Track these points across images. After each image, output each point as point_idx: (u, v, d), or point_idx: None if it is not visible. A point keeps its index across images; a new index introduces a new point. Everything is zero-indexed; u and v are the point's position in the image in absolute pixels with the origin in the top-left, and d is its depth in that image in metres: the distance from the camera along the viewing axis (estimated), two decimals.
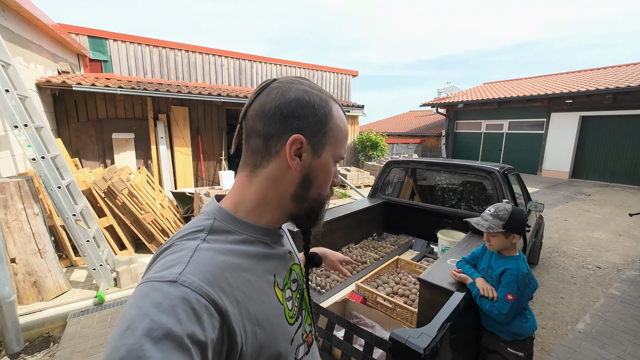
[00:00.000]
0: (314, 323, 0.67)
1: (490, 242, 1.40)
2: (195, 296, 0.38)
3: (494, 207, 1.41)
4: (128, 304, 0.38)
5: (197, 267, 0.42)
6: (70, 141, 4.98)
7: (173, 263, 0.42)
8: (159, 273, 0.41)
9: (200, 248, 0.45)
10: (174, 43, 7.52)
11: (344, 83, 10.59)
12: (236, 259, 0.47)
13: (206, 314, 0.38)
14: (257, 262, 0.51)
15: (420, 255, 2.72)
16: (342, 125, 0.55)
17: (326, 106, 0.53)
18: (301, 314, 0.59)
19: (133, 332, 0.34)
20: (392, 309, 1.77)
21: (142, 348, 0.33)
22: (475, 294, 1.40)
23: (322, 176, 0.54)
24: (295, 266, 0.62)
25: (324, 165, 0.53)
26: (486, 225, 1.37)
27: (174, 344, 0.34)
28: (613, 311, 2.74)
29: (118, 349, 0.33)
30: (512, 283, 1.30)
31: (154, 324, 0.34)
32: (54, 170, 2.75)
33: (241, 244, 0.50)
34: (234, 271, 0.45)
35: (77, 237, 2.85)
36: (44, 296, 2.79)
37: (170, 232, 4.04)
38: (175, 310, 0.36)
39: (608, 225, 5.24)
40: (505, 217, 1.35)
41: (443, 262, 1.74)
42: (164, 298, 0.37)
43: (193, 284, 0.39)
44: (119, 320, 0.37)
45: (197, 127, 6.07)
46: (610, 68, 11.46)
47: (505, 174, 2.62)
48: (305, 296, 0.64)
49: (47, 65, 4.71)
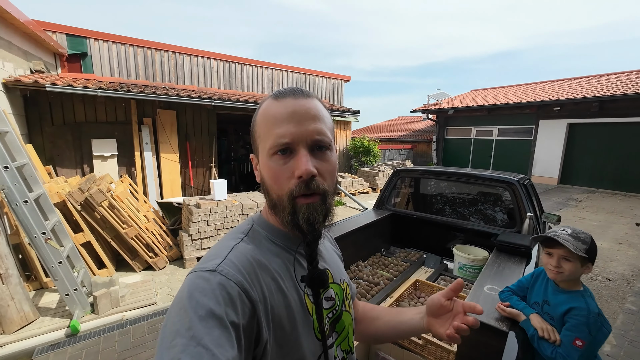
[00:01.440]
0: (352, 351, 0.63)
1: (561, 269, 1.16)
2: (229, 283, 0.44)
3: (569, 228, 1.18)
4: (180, 289, 0.44)
5: (233, 260, 0.47)
6: (44, 147, 4.53)
7: (214, 256, 0.49)
8: (203, 264, 0.47)
9: (238, 247, 0.51)
10: (160, 44, 7.15)
11: (336, 88, 10.44)
12: (268, 260, 0.51)
13: (239, 300, 0.43)
14: (288, 269, 0.53)
15: (436, 274, 2.49)
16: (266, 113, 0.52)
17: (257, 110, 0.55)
18: (332, 335, 0.58)
19: (184, 310, 0.40)
20: (422, 346, 1.53)
21: (191, 321, 0.39)
22: (532, 334, 1.18)
23: (267, 177, 0.52)
24: (334, 286, 0.61)
25: (264, 166, 0.53)
26: (572, 246, 1.12)
27: (216, 321, 0.40)
28: (636, 329, 2.60)
29: (174, 322, 0.40)
30: (582, 326, 1.08)
31: (198, 304, 0.41)
32: (19, 182, 2.38)
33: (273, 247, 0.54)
34: (264, 270, 0.49)
35: (47, 259, 2.48)
36: (5, 328, 2.39)
37: (155, 246, 3.68)
38: (215, 294, 0.42)
39: (607, 234, 5.22)
40: (587, 240, 1.13)
41: (480, 290, 1.52)
42: (206, 284, 0.43)
43: (229, 274, 0.45)
44: (174, 301, 0.43)
45: (185, 132, 5.71)
46: (593, 77, 11.83)
47: (525, 185, 2.45)
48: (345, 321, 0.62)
49: (18, 64, 4.28)
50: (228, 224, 3.92)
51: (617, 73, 11.29)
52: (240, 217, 4.02)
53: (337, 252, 0.74)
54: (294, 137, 0.49)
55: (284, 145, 0.49)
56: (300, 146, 0.49)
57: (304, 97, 0.52)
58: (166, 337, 0.38)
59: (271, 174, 0.50)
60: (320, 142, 0.51)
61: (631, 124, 8.73)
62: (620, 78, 10.44)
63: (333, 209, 0.53)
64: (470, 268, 2.35)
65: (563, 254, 1.16)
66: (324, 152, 0.52)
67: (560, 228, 1.19)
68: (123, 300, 2.89)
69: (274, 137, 0.49)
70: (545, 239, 1.21)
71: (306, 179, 0.48)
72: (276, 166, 0.50)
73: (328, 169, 0.51)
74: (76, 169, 4.73)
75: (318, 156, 0.51)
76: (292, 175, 0.49)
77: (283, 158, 0.49)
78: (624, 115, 8.74)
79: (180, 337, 0.37)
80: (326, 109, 0.56)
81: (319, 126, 0.51)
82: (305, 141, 0.49)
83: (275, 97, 0.52)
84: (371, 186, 8.97)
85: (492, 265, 1.82)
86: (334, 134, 0.57)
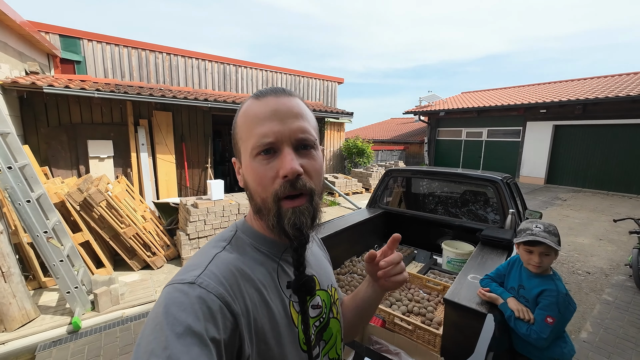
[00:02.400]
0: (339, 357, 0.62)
1: (542, 263, 1.29)
2: (210, 297, 0.41)
3: (541, 224, 1.31)
4: (156, 303, 0.41)
5: (214, 271, 0.44)
6: (39, 148, 4.53)
7: (193, 267, 0.45)
8: (181, 276, 0.44)
9: (219, 256, 0.48)
10: (154, 45, 7.17)
11: (329, 90, 10.58)
12: (251, 270, 0.48)
13: (220, 315, 0.41)
14: (273, 278, 0.51)
15: (425, 268, 2.63)
16: (246, 114, 0.50)
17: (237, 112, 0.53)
18: (319, 343, 0.56)
19: (160, 327, 0.37)
20: (411, 331, 1.65)
21: (168, 340, 0.36)
22: (509, 315, 1.32)
23: (250, 177, 0.50)
24: (322, 292, 0.59)
25: (246, 168, 0.51)
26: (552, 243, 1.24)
27: (195, 339, 0.37)
28: (611, 318, 2.78)
29: (149, 342, 0.37)
30: (552, 305, 1.22)
31: (176, 321, 0.38)
32: (22, 181, 2.44)
33: (256, 255, 0.51)
34: (247, 281, 0.47)
35: (48, 257, 2.53)
36: (7, 326, 2.44)
37: (153, 246, 3.74)
38: (194, 308, 0.39)
39: (588, 230, 5.46)
40: (556, 232, 1.27)
41: (464, 278, 1.65)
42: (184, 297, 0.40)
43: (209, 286, 0.42)
44: (149, 316, 0.40)
45: (181, 133, 5.76)
46: (577, 80, 12.25)
47: (508, 183, 2.61)
48: (332, 327, 0.60)
49: (13, 65, 4.29)
50: (225, 224, 4.00)
51: (600, 77, 11.72)
52: (237, 216, 4.10)
53: (325, 255, 0.72)
54: (278, 136, 0.47)
55: (267, 145, 0.47)
56: (285, 145, 0.47)
57: (286, 95, 0.50)
58: (140, 357, 0.36)
59: (255, 175, 0.48)
60: (304, 140, 0.49)
61: (613, 126, 9.10)
62: (602, 82, 10.85)
63: (320, 209, 0.51)
64: (457, 262, 2.49)
65: (543, 250, 1.30)
66: (309, 150, 0.50)
67: (533, 225, 1.33)
68: (123, 298, 2.95)
69: (257, 137, 0.47)
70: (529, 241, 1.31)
71: (292, 179, 0.46)
72: (260, 167, 0.47)
73: (314, 168, 0.50)
74: (71, 170, 4.74)
75: (303, 155, 0.49)
76: (276, 175, 0.47)
77: (267, 158, 0.47)
78: (606, 117, 9.10)
79: (156, 358, 0.35)
80: (309, 108, 0.54)
81: (302, 124, 0.49)
82: (290, 140, 0.47)
83: (256, 96, 0.51)
84: (364, 186, 9.12)
85: (476, 257, 1.97)
86: (318, 133, 0.55)
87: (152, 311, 0.41)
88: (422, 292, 2.13)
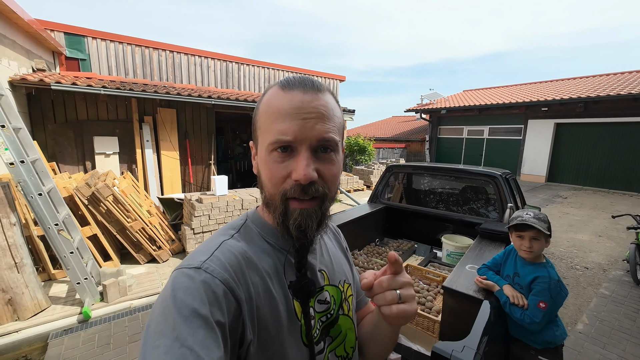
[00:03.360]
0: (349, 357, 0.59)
1: (532, 248, 1.36)
2: (215, 281, 0.42)
3: (531, 212, 1.38)
4: (165, 287, 0.43)
5: (219, 257, 0.45)
6: (47, 144, 4.61)
7: (201, 253, 0.46)
8: (188, 261, 0.45)
9: (226, 243, 0.49)
10: (157, 43, 7.23)
11: (331, 87, 10.55)
12: (258, 259, 0.49)
13: (225, 299, 0.42)
14: (278, 270, 0.51)
15: (425, 261, 2.70)
16: (271, 104, 0.48)
17: (261, 97, 0.51)
18: (324, 339, 0.55)
19: (169, 309, 0.39)
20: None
21: (176, 322, 0.37)
22: (504, 301, 1.38)
23: (263, 170, 0.49)
24: (331, 288, 0.58)
25: (261, 158, 0.50)
26: (541, 227, 1.31)
27: (200, 321, 0.38)
28: (607, 311, 2.84)
29: (159, 322, 0.38)
30: (545, 291, 1.28)
31: (182, 304, 0.39)
32: (34, 175, 2.51)
33: (266, 246, 0.52)
34: (252, 268, 0.47)
35: (59, 249, 2.61)
36: (20, 315, 2.52)
37: (158, 240, 3.82)
38: (199, 292, 0.40)
39: (588, 227, 5.51)
40: (546, 220, 1.34)
41: (462, 268, 1.72)
42: (190, 282, 0.41)
43: (214, 271, 0.43)
44: (158, 299, 0.42)
45: (185, 130, 5.83)
46: (579, 79, 12.23)
47: (507, 179, 2.66)
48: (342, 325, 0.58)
49: (21, 62, 4.36)
50: (229, 218, 4.08)
51: (601, 75, 11.71)
52: (241, 211, 4.17)
53: (341, 245, 0.70)
54: (297, 136, 0.45)
55: (284, 143, 0.45)
56: (303, 147, 0.45)
57: (314, 91, 0.47)
58: (150, 337, 0.37)
59: (267, 170, 0.47)
60: (325, 142, 0.46)
61: (614, 124, 9.11)
62: (605, 80, 10.84)
63: (329, 214, 0.50)
64: (457, 255, 2.56)
65: (533, 235, 1.36)
66: (329, 154, 0.48)
67: (523, 212, 1.40)
68: (130, 289, 3.03)
69: (276, 133, 0.45)
70: (517, 224, 1.40)
71: (303, 184, 0.45)
72: (274, 163, 0.46)
73: (331, 172, 0.48)
74: (78, 166, 4.82)
75: (322, 158, 0.47)
76: (288, 175, 0.45)
77: (282, 156, 0.46)
78: (607, 115, 9.12)
79: (165, 338, 0.36)
80: (337, 103, 0.51)
81: (326, 126, 0.46)
82: (309, 142, 0.45)
83: (282, 86, 0.48)
84: (366, 184, 9.19)
85: (474, 249, 2.03)
86: (343, 133, 0.52)
87: (160, 294, 0.42)
88: (421, 283, 2.19)
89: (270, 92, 0.49)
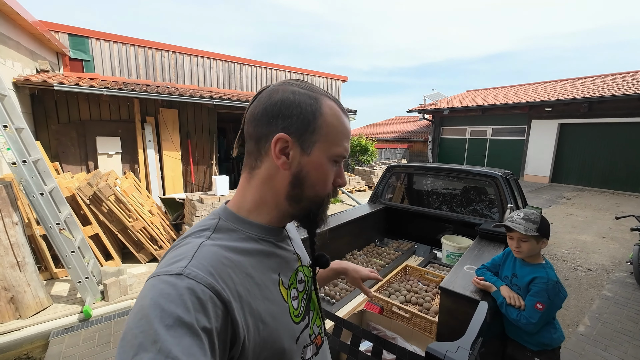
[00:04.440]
0: (323, 325, 0.68)
1: (520, 248, 1.36)
2: (199, 287, 0.41)
3: (522, 212, 1.38)
4: (140, 296, 0.41)
5: (201, 261, 0.44)
6: (50, 144, 4.66)
7: (179, 258, 0.45)
8: (166, 267, 0.43)
9: (205, 245, 0.48)
10: (160, 44, 7.28)
11: (333, 88, 10.62)
12: (239, 256, 0.49)
13: (211, 304, 0.41)
14: (261, 260, 0.52)
15: (425, 261, 2.69)
16: (336, 121, 0.54)
17: (315, 104, 0.53)
18: (308, 314, 0.61)
19: (147, 320, 0.36)
20: (408, 319, 1.71)
21: (157, 333, 0.35)
22: (501, 302, 1.37)
23: (315, 175, 0.53)
24: (303, 267, 0.63)
25: (315, 163, 0.53)
26: (523, 229, 1.32)
27: (185, 330, 0.37)
28: (609, 313, 2.81)
29: (136, 335, 0.36)
30: (542, 292, 1.27)
31: (164, 313, 0.37)
32: (36, 175, 2.54)
33: (244, 241, 0.52)
34: (236, 267, 0.47)
35: (61, 248, 2.63)
36: (22, 313, 2.55)
37: (160, 239, 3.84)
38: (183, 299, 0.39)
39: (591, 228, 5.45)
40: (537, 220, 1.33)
41: (460, 269, 1.71)
42: (172, 289, 0.39)
43: (197, 276, 0.42)
44: (133, 310, 0.39)
45: (186, 130, 5.86)
46: (584, 79, 12.13)
47: (507, 179, 2.65)
48: (314, 298, 0.65)
49: (25, 63, 4.41)
50: None
51: (605, 75, 11.60)
52: None
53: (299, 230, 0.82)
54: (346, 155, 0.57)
55: (343, 159, 0.56)
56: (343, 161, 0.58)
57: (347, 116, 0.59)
58: (126, 352, 0.35)
59: (324, 176, 0.54)
60: None
61: (618, 124, 9.02)
62: (609, 80, 10.74)
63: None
64: (456, 255, 2.54)
65: (519, 236, 1.36)
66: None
67: (515, 212, 1.40)
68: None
69: (342, 149, 0.55)
70: (503, 226, 1.40)
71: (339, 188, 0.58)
72: (330, 171, 0.55)
73: None
74: (80, 166, 4.87)
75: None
76: (334, 181, 0.56)
77: (335, 166, 0.56)
78: (611, 115, 9.02)
79: (145, 352, 0.34)
80: None
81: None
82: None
83: (341, 109, 0.57)
84: (368, 184, 9.17)
85: (473, 249, 2.02)
86: None
87: (135, 304, 0.40)
88: (420, 284, 2.18)
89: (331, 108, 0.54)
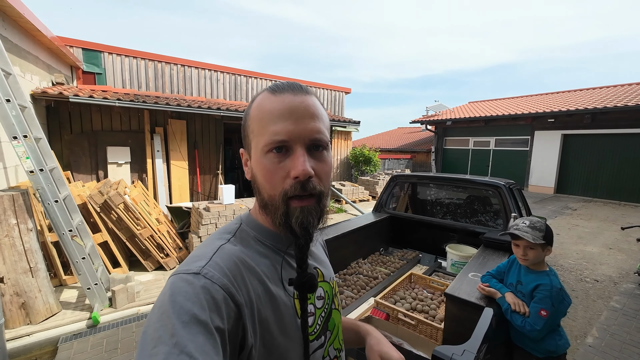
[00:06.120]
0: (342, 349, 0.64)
1: (526, 256, 1.38)
2: (214, 287, 0.42)
3: (527, 220, 1.41)
4: (162, 292, 0.43)
5: (218, 262, 0.45)
6: (62, 153, 4.80)
7: (198, 258, 0.46)
8: (186, 266, 0.45)
9: (224, 247, 0.49)
10: (169, 57, 7.53)
11: (337, 99, 10.81)
12: (255, 262, 0.49)
13: (224, 304, 0.41)
14: (277, 271, 0.52)
15: (430, 270, 2.70)
16: (260, 110, 0.50)
17: (251, 103, 0.53)
18: (325, 334, 0.58)
19: (167, 315, 0.38)
20: (414, 326, 1.73)
21: (175, 328, 0.37)
22: (506, 308, 1.39)
23: (260, 173, 0.50)
24: (324, 284, 0.61)
25: (256, 161, 0.50)
26: (531, 237, 1.34)
27: (200, 327, 0.38)
28: (618, 324, 2.78)
29: (157, 329, 0.37)
30: (546, 299, 1.29)
31: (182, 309, 0.38)
32: (51, 183, 2.63)
33: (263, 249, 0.52)
34: (251, 272, 0.48)
35: (72, 254, 2.70)
36: (32, 319, 2.59)
37: (166, 247, 3.89)
38: (199, 298, 0.40)
39: (598, 239, 5.40)
40: (543, 228, 1.36)
41: (465, 276, 1.73)
42: (189, 287, 0.41)
43: (214, 277, 0.43)
44: (155, 305, 0.41)
45: (194, 140, 6.00)
46: (586, 90, 12.20)
47: (511, 189, 2.68)
48: (335, 319, 0.62)
49: (42, 76, 4.60)
50: None
51: (608, 86, 11.66)
52: None
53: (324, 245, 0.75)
54: (292, 135, 0.47)
55: (279, 143, 0.47)
56: (298, 145, 0.47)
57: (303, 93, 0.50)
58: (147, 344, 0.36)
59: (264, 172, 0.48)
60: (318, 141, 0.49)
61: (623, 135, 9.02)
62: (611, 91, 10.80)
63: (327, 211, 0.52)
64: (461, 264, 2.56)
65: (526, 244, 1.39)
66: (321, 152, 0.50)
67: (520, 221, 1.43)
68: (138, 295, 3.09)
69: (270, 134, 0.47)
70: (510, 234, 1.44)
71: (302, 180, 0.46)
72: (270, 165, 0.48)
73: (324, 170, 0.50)
74: (91, 175, 4.99)
75: (315, 156, 0.49)
76: (287, 175, 0.47)
77: (278, 156, 0.47)
78: (615, 126, 9.04)
79: (163, 345, 0.35)
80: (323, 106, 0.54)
81: (317, 125, 0.49)
82: (304, 140, 0.47)
83: (272, 91, 0.50)
84: (371, 194, 9.19)
85: (478, 257, 2.04)
86: (330, 133, 0.56)
87: (157, 299, 0.41)
88: (425, 292, 2.20)
89: (261, 97, 0.51)
